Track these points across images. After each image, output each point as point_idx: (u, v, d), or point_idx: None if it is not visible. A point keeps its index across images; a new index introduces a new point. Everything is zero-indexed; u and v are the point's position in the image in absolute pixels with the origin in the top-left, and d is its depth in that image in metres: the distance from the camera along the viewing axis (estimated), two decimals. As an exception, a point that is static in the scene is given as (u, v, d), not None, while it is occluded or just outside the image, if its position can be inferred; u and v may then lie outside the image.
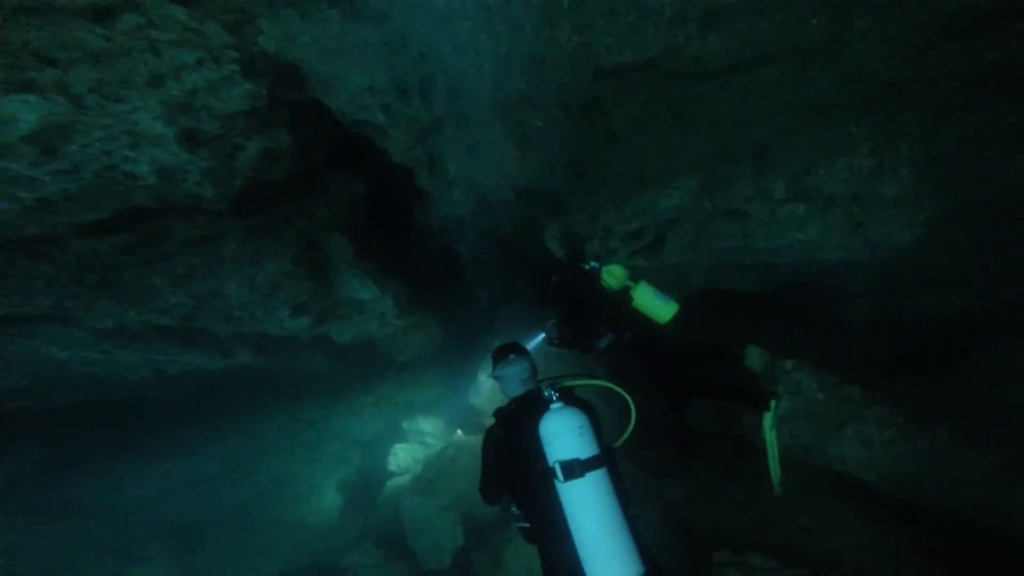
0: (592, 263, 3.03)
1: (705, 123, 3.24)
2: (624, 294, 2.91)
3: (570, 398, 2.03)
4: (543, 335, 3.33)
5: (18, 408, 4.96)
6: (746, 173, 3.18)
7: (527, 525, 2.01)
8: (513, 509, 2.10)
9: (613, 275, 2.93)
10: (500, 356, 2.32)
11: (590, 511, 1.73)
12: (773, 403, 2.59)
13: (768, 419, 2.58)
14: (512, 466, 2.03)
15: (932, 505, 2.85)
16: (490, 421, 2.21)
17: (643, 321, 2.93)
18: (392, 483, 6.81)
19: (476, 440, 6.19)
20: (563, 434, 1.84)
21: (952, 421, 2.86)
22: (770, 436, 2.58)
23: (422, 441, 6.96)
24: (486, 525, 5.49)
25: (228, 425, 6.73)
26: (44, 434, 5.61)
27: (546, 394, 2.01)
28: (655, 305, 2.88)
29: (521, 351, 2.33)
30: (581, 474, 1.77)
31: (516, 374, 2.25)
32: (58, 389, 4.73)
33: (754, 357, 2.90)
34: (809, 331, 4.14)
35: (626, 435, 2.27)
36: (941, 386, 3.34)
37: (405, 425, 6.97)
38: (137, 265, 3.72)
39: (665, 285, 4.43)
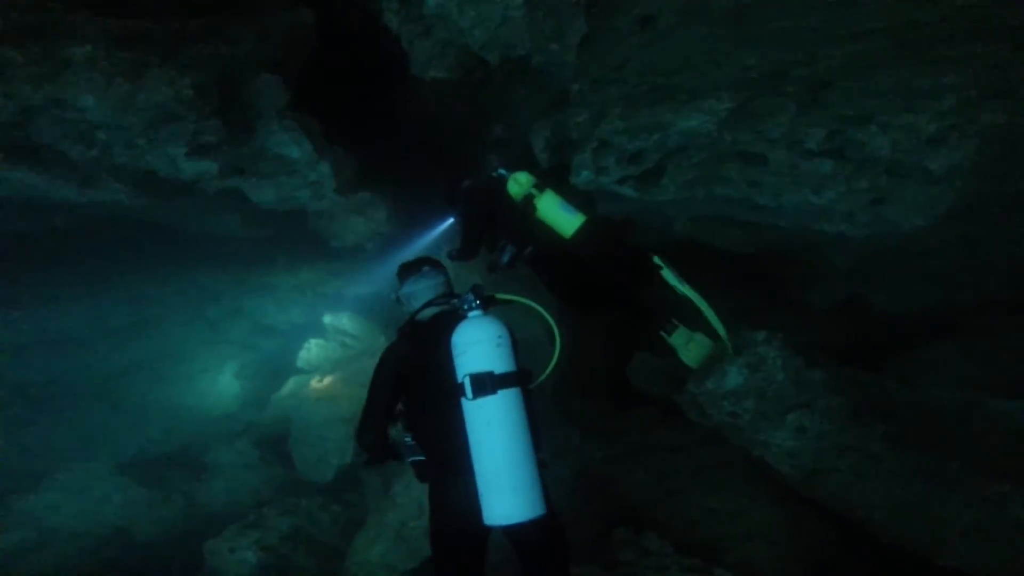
0: (500, 170, 2.87)
1: (769, 33, 2.59)
2: (528, 203, 2.73)
3: (491, 308, 1.84)
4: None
5: None
6: (786, 110, 2.65)
7: (421, 458, 1.85)
8: (407, 439, 1.91)
9: (518, 182, 2.78)
10: (412, 269, 2.15)
11: (497, 435, 1.57)
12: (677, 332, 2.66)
13: (676, 338, 2.64)
14: (414, 386, 1.88)
15: (836, 501, 2.88)
16: None
17: (548, 235, 2.76)
18: (295, 380, 6.28)
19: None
20: (478, 343, 1.66)
21: (885, 419, 2.77)
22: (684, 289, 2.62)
23: (342, 341, 6.38)
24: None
25: (108, 280, 5.76)
26: None
27: (464, 306, 1.83)
28: (559, 217, 2.70)
29: (436, 264, 2.17)
30: (493, 390, 1.59)
31: (430, 288, 2.08)
32: None
33: (678, 339, 2.80)
34: (775, 305, 3.97)
35: (548, 369, 2.06)
36: (882, 382, 3.29)
37: (327, 319, 6.33)
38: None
39: (650, 231, 4.05)
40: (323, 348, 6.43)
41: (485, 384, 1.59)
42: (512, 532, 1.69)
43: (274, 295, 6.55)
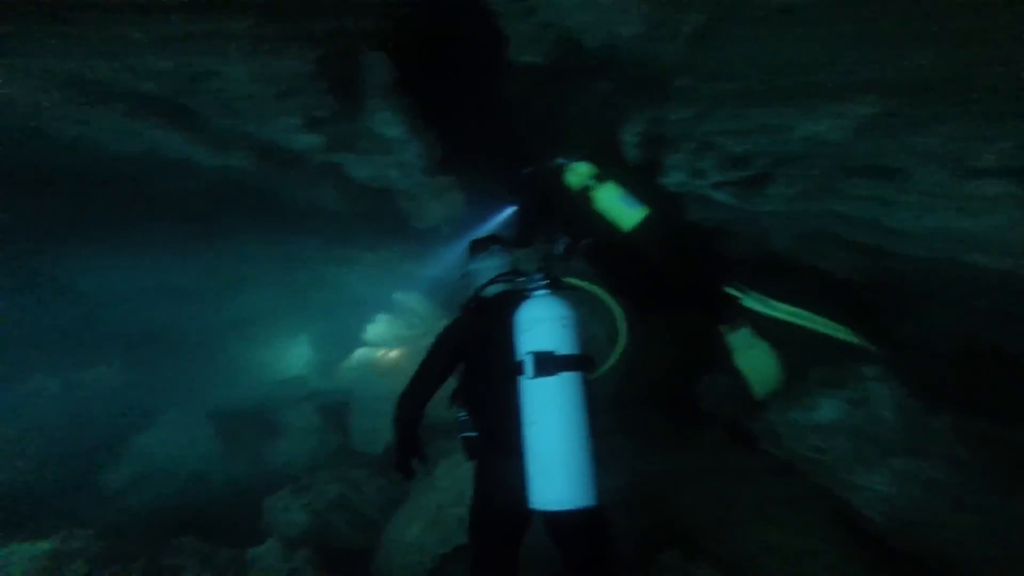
0: (559, 159, 2.82)
1: (955, 30, 2.18)
2: (585, 194, 2.67)
3: (560, 289, 1.83)
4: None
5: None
6: (948, 117, 2.22)
7: (473, 434, 1.86)
8: (461, 415, 1.93)
9: (576, 172, 2.72)
10: (481, 246, 2.18)
11: (553, 416, 1.54)
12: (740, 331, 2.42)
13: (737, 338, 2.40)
14: (472, 361, 1.89)
15: (938, 556, 2.41)
16: None
17: (606, 228, 2.67)
18: (361, 353, 6.59)
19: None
20: (543, 321, 1.65)
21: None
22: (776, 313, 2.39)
23: (408, 320, 6.62)
24: (436, 429, 5.26)
25: (221, 239, 6.42)
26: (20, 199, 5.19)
27: (530, 284, 1.82)
28: (619, 209, 2.61)
29: (505, 243, 2.19)
30: (554, 371, 1.57)
31: (497, 266, 2.10)
32: (28, 146, 4.17)
33: (739, 339, 2.55)
34: (883, 342, 3.44)
35: (611, 360, 2.00)
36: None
37: (398, 297, 6.60)
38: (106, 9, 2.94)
39: (747, 240, 3.70)
40: (391, 324, 6.75)
41: (547, 364, 1.56)
42: (556, 520, 1.62)
43: (354, 269, 6.96)
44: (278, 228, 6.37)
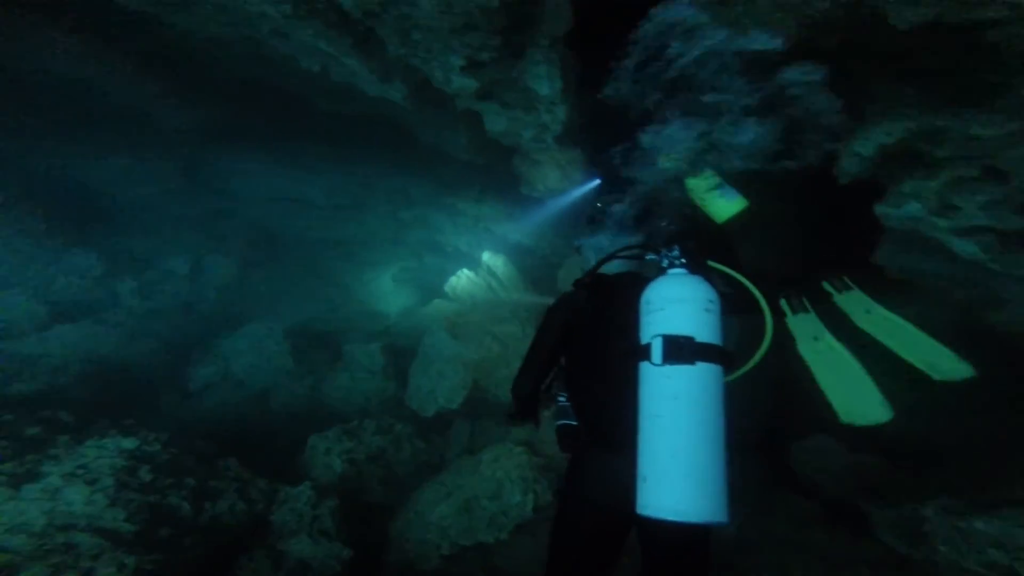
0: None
1: None
2: (678, 180, 2.55)
3: (700, 268, 1.60)
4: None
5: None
6: None
7: (574, 423, 1.71)
8: (561, 399, 1.79)
9: (670, 157, 2.54)
10: (600, 220, 2.06)
11: (684, 411, 1.30)
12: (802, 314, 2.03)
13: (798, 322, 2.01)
14: (582, 342, 1.72)
15: None
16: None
17: (696, 215, 2.54)
18: (437, 303, 6.53)
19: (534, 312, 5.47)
20: (680, 301, 1.42)
21: None
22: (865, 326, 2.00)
23: (489, 282, 6.40)
24: (491, 408, 5.04)
25: (350, 163, 6.73)
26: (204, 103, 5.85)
27: (664, 261, 1.61)
28: (714, 199, 2.47)
29: (633, 219, 2.05)
30: (690, 359, 1.33)
31: (613, 243, 1.94)
32: (235, 55, 4.70)
33: (800, 326, 2.07)
34: None
35: (752, 362, 1.68)
36: None
37: (486, 256, 6.44)
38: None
39: (948, 304, 3.00)
40: (472, 282, 6.60)
41: (681, 349, 1.33)
42: (661, 532, 1.44)
43: (455, 218, 6.94)
44: (401, 164, 6.54)
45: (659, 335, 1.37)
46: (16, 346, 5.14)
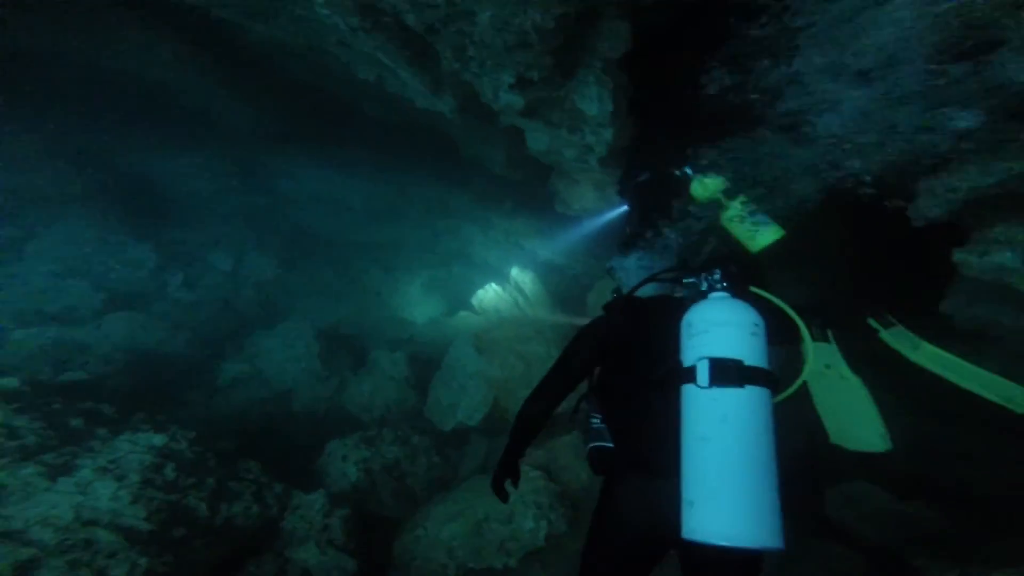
0: (687, 168, 2.73)
1: None
2: (712, 207, 2.55)
3: (743, 292, 1.60)
4: None
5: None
6: None
7: (608, 446, 1.67)
8: (594, 422, 1.75)
9: (704, 184, 2.61)
10: (638, 243, 2.03)
11: (733, 433, 1.29)
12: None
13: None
14: (618, 364, 1.71)
15: None
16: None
17: (728, 244, 2.56)
18: (464, 316, 6.49)
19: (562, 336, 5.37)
20: (727, 324, 1.42)
21: None
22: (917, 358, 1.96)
23: (516, 298, 6.35)
24: (510, 428, 4.93)
25: (390, 171, 7.00)
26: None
27: (704, 285, 1.62)
28: (748, 228, 2.45)
29: (667, 241, 2.06)
30: (740, 383, 1.32)
31: (649, 267, 1.93)
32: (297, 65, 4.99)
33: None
34: None
35: (792, 388, 1.64)
36: None
37: (514, 272, 6.40)
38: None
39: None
40: (499, 297, 6.59)
41: (729, 372, 1.33)
42: (710, 558, 1.40)
43: (486, 231, 6.98)
44: (440, 174, 6.63)
45: (705, 357, 1.37)
46: (72, 333, 5.40)
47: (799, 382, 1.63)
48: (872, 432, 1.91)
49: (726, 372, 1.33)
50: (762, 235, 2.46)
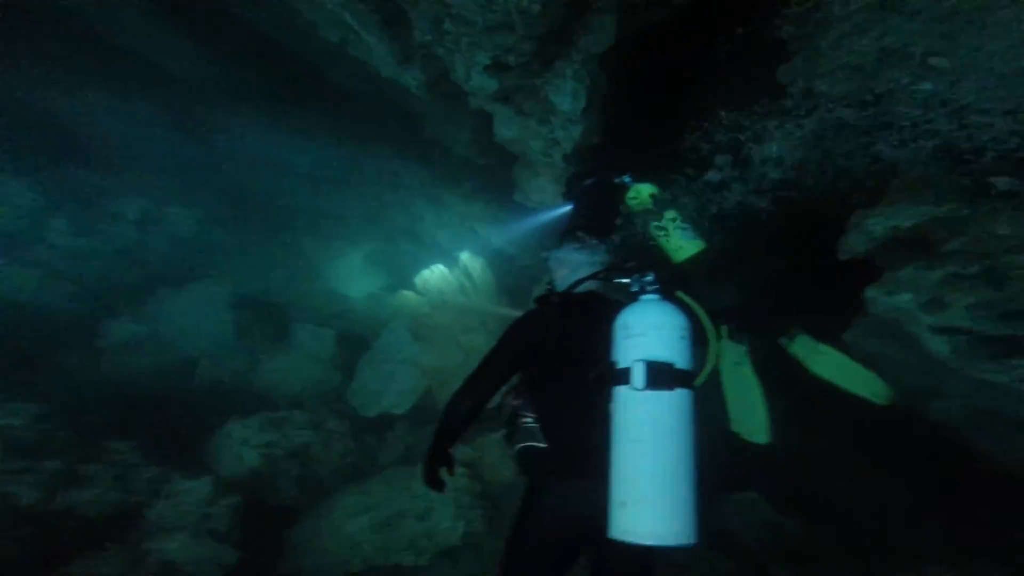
0: (626, 177, 2.82)
1: None
2: (643, 218, 2.68)
3: (672, 296, 1.65)
4: None
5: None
6: None
7: (540, 446, 1.66)
8: (527, 422, 1.72)
9: (639, 194, 2.71)
10: (576, 236, 2.06)
11: (665, 436, 1.34)
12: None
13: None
14: (550, 363, 1.71)
15: None
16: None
17: (656, 253, 2.68)
18: (403, 296, 6.18)
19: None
20: (660, 328, 1.45)
21: None
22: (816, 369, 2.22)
23: (463, 284, 6.13)
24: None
25: (344, 139, 6.50)
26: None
27: (636, 287, 1.65)
28: (674, 239, 2.60)
29: (603, 240, 2.06)
30: (670, 386, 1.37)
31: (587, 262, 1.94)
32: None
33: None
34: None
35: (703, 374, 1.74)
36: None
37: (464, 256, 6.18)
38: None
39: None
40: (444, 280, 6.31)
41: (664, 375, 1.37)
42: (628, 556, 1.46)
43: (440, 211, 6.68)
44: (397, 148, 6.29)
45: (641, 360, 1.39)
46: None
47: (704, 373, 1.73)
48: (760, 426, 2.21)
49: (661, 375, 1.37)
50: (686, 247, 2.59)
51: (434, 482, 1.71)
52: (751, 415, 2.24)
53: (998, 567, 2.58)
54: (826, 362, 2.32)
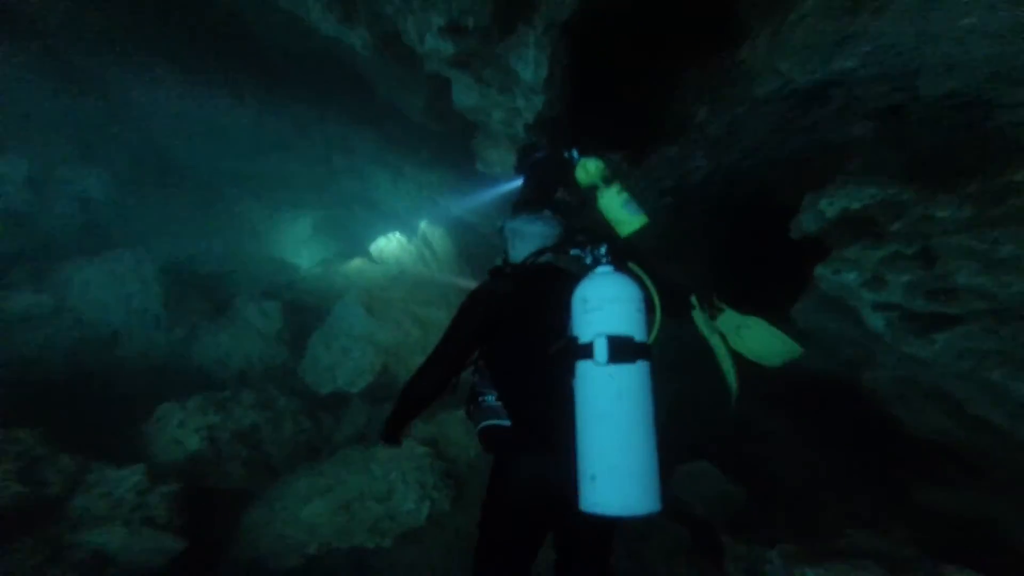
0: (573, 151, 2.86)
1: None
2: (590, 192, 2.75)
3: (624, 267, 1.64)
4: None
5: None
6: None
7: (504, 423, 1.66)
8: (487, 399, 1.72)
9: (586, 170, 2.77)
10: (531, 207, 2.05)
11: (628, 408, 1.37)
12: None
13: (699, 318, 2.25)
14: (507, 338, 1.71)
15: None
16: None
17: (602, 227, 2.70)
18: (358, 263, 5.92)
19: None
20: (617, 301, 1.47)
21: None
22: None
23: (422, 253, 5.93)
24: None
25: (288, 100, 6.01)
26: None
27: (588, 259, 1.68)
28: (620, 213, 2.67)
29: (558, 212, 2.05)
30: (632, 359, 1.40)
31: (542, 234, 1.94)
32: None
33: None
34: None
35: (652, 334, 1.72)
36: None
37: (423, 225, 5.96)
38: None
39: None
40: (402, 248, 6.07)
41: (626, 349, 1.39)
42: (596, 525, 1.48)
43: (396, 178, 6.38)
44: (347, 112, 5.83)
45: (603, 334, 1.40)
46: None
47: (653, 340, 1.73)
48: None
49: (623, 349, 1.39)
50: (631, 221, 2.67)
51: (395, 439, 1.77)
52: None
53: (913, 531, 2.85)
54: (749, 336, 2.37)
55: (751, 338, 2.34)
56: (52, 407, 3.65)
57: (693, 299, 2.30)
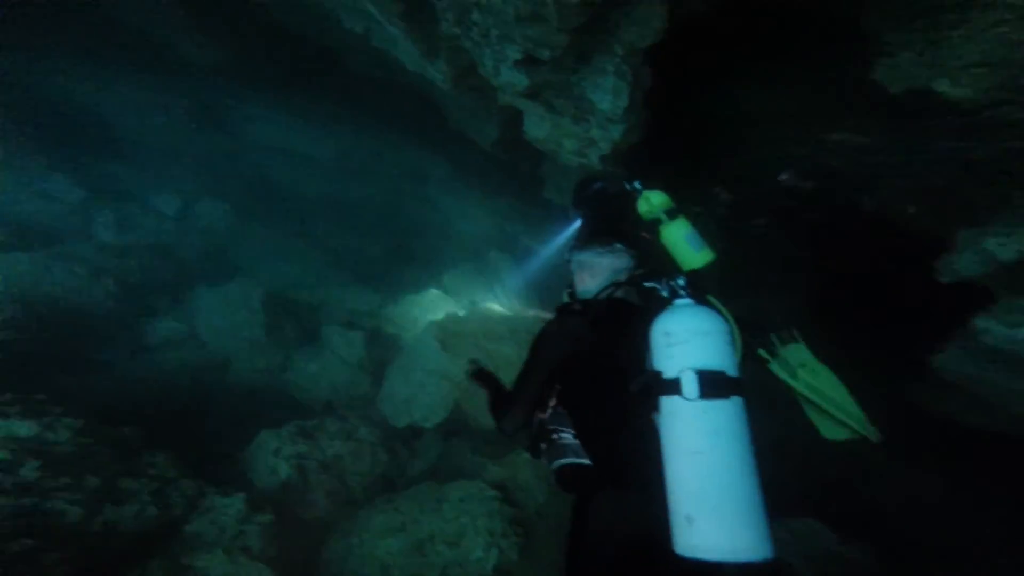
0: (636, 183, 2.76)
1: None
2: (653, 226, 2.62)
3: (704, 300, 1.56)
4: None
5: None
6: None
7: (584, 462, 1.60)
8: (563, 436, 1.66)
9: (649, 202, 2.65)
10: (602, 239, 1.95)
11: (727, 446, 1.28)
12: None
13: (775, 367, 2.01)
14: (583, 375, 1.65)
15: None
16: None
17: (666, 261, 2.64)
18: (432, 296, 6.07)
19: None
20: (706, 334, 1.39)
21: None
22: (796, 385, 1.99)
23: (491, 285, 5.95)
24: (471, 433, 4.65)
25: (363, 129, 6.33)
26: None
27: (665, 292, 1.60)
28: (684, 248, 2.55)
29: (629, 244, 1.95)
30: (726, 394, 1.32)
31: (613, 267, 1.88)
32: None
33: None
34: None
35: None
36: None
37: (492, 255, 6.00)
38: None
39: None
40: (474, 279, 6.13)
41: (719, 384, 1.33)
42: (683, 572, 1.33)
43: (467, 207, 6.43)
44: (420, 140, 6.05)
45: (691, 369, 1.34)
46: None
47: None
48: (857, 419, 1.92)
49: (715, 384, 1.32)
50: (696, 257, 2.58)
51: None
52: (844, 412, 1.98)
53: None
54: (815, 380, 2.06)
55: (819, 382, 2.03)
56: (177, 430, 4.04)
57: (774, 337, 2.10)
